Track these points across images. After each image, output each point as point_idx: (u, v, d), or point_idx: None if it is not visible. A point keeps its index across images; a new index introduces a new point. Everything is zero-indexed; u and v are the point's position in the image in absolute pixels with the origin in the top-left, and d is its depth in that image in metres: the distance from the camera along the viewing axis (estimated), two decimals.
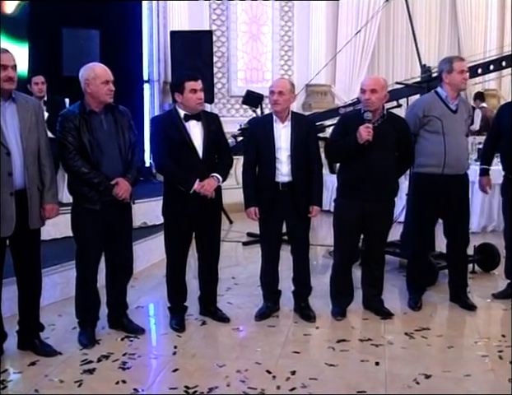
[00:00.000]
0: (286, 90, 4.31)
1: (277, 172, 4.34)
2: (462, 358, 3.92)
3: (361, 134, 4.21)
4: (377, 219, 4.45)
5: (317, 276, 5.06)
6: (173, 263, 4.38)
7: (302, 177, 4.34)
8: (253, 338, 4.20)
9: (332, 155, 4.56)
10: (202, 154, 4.17)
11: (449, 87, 4.58)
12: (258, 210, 4.38)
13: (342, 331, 4.29)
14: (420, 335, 4.22)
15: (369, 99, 4.28)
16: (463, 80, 4.55)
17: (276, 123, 4.36)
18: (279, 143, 4.33)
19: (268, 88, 4.46)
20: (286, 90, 4.30)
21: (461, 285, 4.88)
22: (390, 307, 4.66)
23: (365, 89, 4.30)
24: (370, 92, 4.28)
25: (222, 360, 3.79)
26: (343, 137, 4.37)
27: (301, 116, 4.75)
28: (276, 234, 4.49)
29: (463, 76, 4.55)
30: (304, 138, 4.35)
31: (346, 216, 4.45)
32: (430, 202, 4.61)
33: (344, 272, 4.59)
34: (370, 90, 4.28)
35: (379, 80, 4.43)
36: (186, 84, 4.13)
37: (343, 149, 4.36)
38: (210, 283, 4.51)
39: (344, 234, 4.51)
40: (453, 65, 4.55)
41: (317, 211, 4.39)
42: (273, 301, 4.62)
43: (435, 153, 4.52)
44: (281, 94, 4.28)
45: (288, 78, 5.84)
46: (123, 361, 3.78)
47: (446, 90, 4.59)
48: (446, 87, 4.59)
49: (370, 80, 4.44)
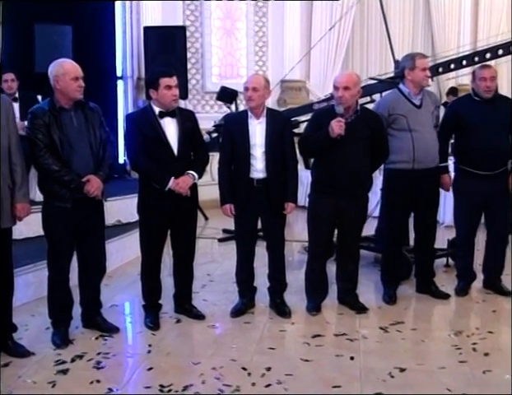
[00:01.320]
0: (261, 86, 4.30)
1: (252, 168, 4.33)
2: (436, 351, 3.96)
3: (333, 128, 4.20)
4: (351, 214, 4.46)
5: (292, 272, 5.07)
6: (147, 261, 4.36)
7: (277, 173, 4.34)
8: (229, 335, 4.20)
9: (306, 150, 4.55)
10: (178, 151, 4.15)
11: (411, 84, 4.61)
12: (233, 207, 4.37)
13: (317, 326, 4.30)
14: (394, 329, 4.25)
15: (342, 97, 4.28)
16: (425, 77, 4.58)
17: (250, 120, 4.35)
18: (254, 139, 4.32)
19: (243, 84, 4.44)
20: (261, 87, 4.29)
21: (429, 276, 4.97)
22: (365, 301, 4.68)
23: (338, 86, 4.30)
24: (343, 89, 4.28)
25: (197, 358, 3.78)
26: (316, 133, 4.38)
27: (276, 112, 4.75)
28: (251, 231, 4.49)
29: (426, 73, 4.58)
30: (279, 134, 4.34)
31: (321, 212, 4.45)
32: (402, 197, 4.65)
33: (319, 268, 4.60)
34: (343, 88, 4.28)
35: (352, 76, 4.42)
36: (161, 80, 4.09)
37: (316, 143, 4.36)
38: (185, 281, 4.49)
39: (318, 230, 4.51)
40: (416, 62, 4.58)
41: (292, 208, 4.38)
42: (249, 298, 4.61)
43: (404, 149, 4.56)
44: (255, 90, 4.27)
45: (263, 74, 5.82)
46: (97, 361, 3.74)
47: (408, 87, 4.62)
48: (408, 84, 4.63)
49: (343, 77, 4.44)
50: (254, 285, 4.65)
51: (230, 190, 4.38)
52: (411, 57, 4.66)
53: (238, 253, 4.58)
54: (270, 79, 4.78)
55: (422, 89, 4.68)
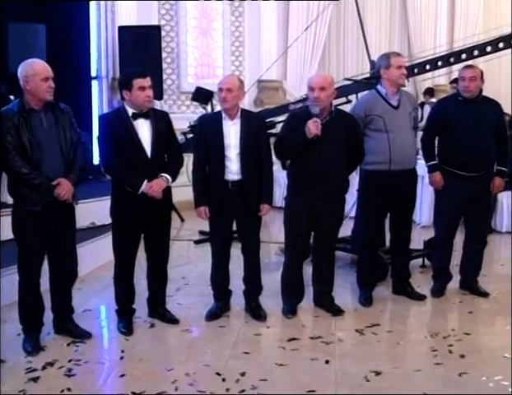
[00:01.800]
0: (235, 86, 4.25)
1: (227, 170, 4.28)
2: (412, 353, 3.94)
3: (310, 129, 4.17)
4: (327, 216, 4.43)
5: (269, 274, 5.02)
6: (120, 265, 4.28)
7: (252, 175, 4.29)
8: (203, 339, 4.14)
9: (282, 151, 4.49)
10: (151, 153, 4.08)
11: (387, 83, 4.59)
12: (208, 209, 4.32)
13: (293, 329, 4.26)
14: (370, 331, 4.22)
15: (318, 98, 4.25)
16: (400, 75, 4.56)
17: (225, 121, 4.30)
18: (228, 141, 4.27)
19: (217, 85, 4.39)
20: (235, 87, 4.24)
21: (404, 277, 4.96)
22: (341, 303, 4.66)
23: (314, 87, 4.26)
24: (319, 90, 4.25)
25: (170, 364, 3.71)
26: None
27: (251, 113, 4.70)
28: (226, 233, 4.43)
29: (401, 71, 4.56)
30: (254, 135, 4.30)
31: (297, 214, 4.41)
32: (378, 198, 4.63)
33: (295, 270, 4.56)
34: (320, 88, 4.25)
35: (326, 77, 4.40)
36: (134, 81, 4.02)
37: (292, 144, 4.32)
38: (159, 284, 4.42)
39: (295, 232, 4.47)
40: (391, 60, 4.57)
41: (267, 210, 4.34)
42: (224, 301, 4.56)
43: (381, 151, 4.53)
44: (229, 91, 4.22)
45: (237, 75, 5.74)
46: (68, 368, 3.66)
47: (385, 87, 4.60)
48: (385, 83, 4.61)
49: (318, 77, 4.41)
50: (230, 289, 4.60)
51: (205, 192, 4.33)
52: (386, 56, 4.65)
53: (213, 256, 4.52)
54: (246, 79, 4.75)
55: (399, 89, 4.66)
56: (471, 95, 4.70)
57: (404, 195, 4.69)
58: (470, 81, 4.68)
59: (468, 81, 4.67)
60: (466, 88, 4.69)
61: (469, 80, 4.67)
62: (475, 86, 4.71)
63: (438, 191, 4.92)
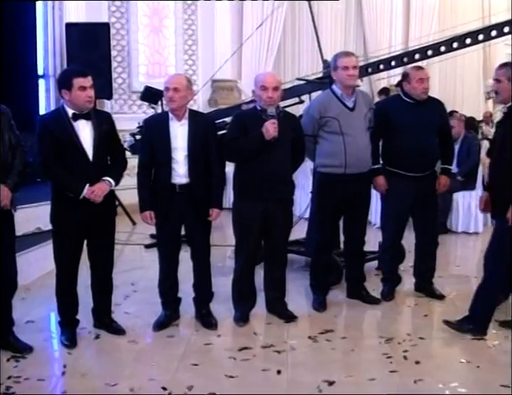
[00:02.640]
0: (182, 86, 4.07)
1: (174, 173, 4.10)
2: (366, 361, 3.83)
3: (268, 130, 4.06)
4: (280, 218, 4.32)
5: (221, 279, 4.85)
6: (63, 274, 4.06)
7: (200, 178, 4.13)
8: (150, 351, 3.95)
9: (233, 154, 4.31)
10: (93, 156, 3.89)
11: (339, 84, 4.49)
12: (153, 213, 4.14)
13: (245, 338, 4.11)
14: (324, 338, 4.10)
15: (272, 98, 4.13)
16: (347, 76, 4.43)
17: (172, 122, 4.13)
18: (175, 143, 4.10)
19: (163, 84, 4.21)
20: (182, 87, 4.07)
21: (359, 280, 4.87)
22: (295, 309, 4.53)
23: (268, 86, 4.13)
24: (272, 90, 4.14)
25: (114, 378, 3.52)
26: (244, 136, 4.18)
27: (199, 114, 4.54)
28: (174, 239, 4.26)
29: (347, 72, 4.42)
30: (203, 137, 4.13)
31: (248, 218, 4.26)
32: (332, 201, 4.52)
33: (246, 276, 4.42)
34: (273, 88, 4.14)
35: (276, 76, 4.31)
36: (74, 80, 3.82)
37: (248, 147, 4.17)
38: (103, 293, 4.22)
39: (246, 237, 4.33)
40: (337, 62, 4.47)
41: (217, 214, 4.19)
42: (173, 309, 4.38)
43: (336, 153, 4.42)
44: (176, 90, 4.05)
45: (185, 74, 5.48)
46: (7, 386, 3.43)
47: (340, 88, 4.49)
48: (338, 84, 4.50)
49: (270, 77, 4.28)
50: (179, 296, 4.42)
51: (150, 196, 4.15)
52: (335, 56, 4.54)
53: (160, 262, 4.34)
54: (200, 78, 4.57)
55: (355, 90, 4.54)
56: (426, 96, 4.64)
57: (359, 198, 4.59)
58: (427, 81, 4.63)
59: (426, 82, 4.62)
60: (425, 90, 4.62)
61: (427, 81, 4.62)
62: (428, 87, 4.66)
63: (384, 193, 4.83)
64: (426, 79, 4.61)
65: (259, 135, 4.08)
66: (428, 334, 4.18)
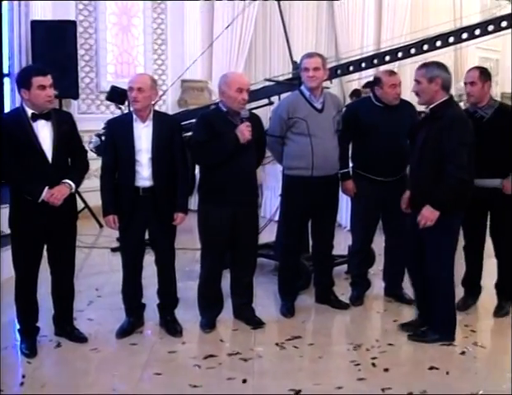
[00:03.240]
0: (146, 86, 3.96)
1: (138, 176, 3.99)
2: (334, 368, 3.77)
3: (244, 133, 3.99)
4: (248, 222, 4.25)
5: (189, 283, 4.74)
6: (22, 280, 3.91)
7: (165, 181, 4.02)
8: (113, 360, 3.82)
9: (204, 157, 4.17)
10: (52, 158, 3.75)
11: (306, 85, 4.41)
12: (117, 217, 4.03)
13: (210, 345, 4.02)
14: (291, 345, 4.02)
15: (246, 100, 4.07)
16: (307, 77, 4.37)
17: (136, 123, 4.01)
18: (139, 144, 3.98)
19: (127, 84, 4.09)
20: (146, 87, 3.96)
21: (328, 285, 4.79)
22: (262, 314, 4.44)
23: (243, 88, 4.05)
24: (246, 92, 4.06)
25: (75, 389, 3.42)
26: (213, 138, 4.05)
27: (164, 115, 4.43)
28: (137, 243, 4.14)
29: (307, 73, 4.36)
30: (168, 139, 4.02)
31: (216, 223, 4.15)
32: (300, 203, 4.44)
33: (213, 282, 4.31)
34: (247, 90, 4.07)
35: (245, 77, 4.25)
36: (33, 79, 3.68)
37: (221, 150, 4.05)
38: (64, 300, 4.08)
39: (213, 242, 4.22)
40: (301, 63, 4.43)
41: (182, 219, 4.08)
42: (137, 315, 4.26)
43: (303, 155, 4.34)
44: (140, 90, 3.94)
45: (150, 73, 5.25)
46: None
47: (307, 89, 4.42)
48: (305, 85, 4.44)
49: (245, 78, 4.21)
50: (143, 302, 4.31)
51: (113, 199, 4.04)
52: (301, 57, 4.46)
53: (124, 267, 4.22)
54: (169, 78, 4.45)
55: (322, 91, 4.47)
56: (398, 101, 4.61)
57: (326, 201, 4.52)
58: (399, 86, 4.61)
59: (399, 87, 4.60)
60: (398, 95, 4.60)
61: (398, 86, 4.60)
62: (400, 92, 4.63)
63: (353, 197, 4.78)
64: (398, 84, 4.59)
65: (233, 138, 3.99)
66: (397, 340, 4.12)
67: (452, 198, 3.79)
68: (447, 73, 3.90)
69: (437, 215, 3.79)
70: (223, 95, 4.14)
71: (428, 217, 3.80)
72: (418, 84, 3.90)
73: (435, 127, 3.83)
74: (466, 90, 4.47)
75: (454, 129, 3.77)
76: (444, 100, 3.86)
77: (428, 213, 3.80)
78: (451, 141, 3.74)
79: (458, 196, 3.82)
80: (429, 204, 3.79)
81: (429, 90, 3.84)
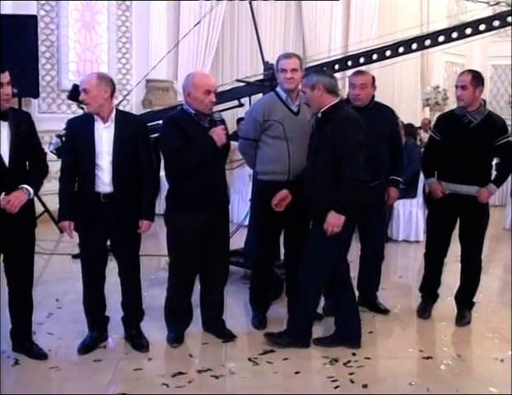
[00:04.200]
0: (91, 86, 3.67)
1: (98, 181, 3.72)
2: (310, 385, 3.56)
3: (221, 136, 3.78)
4: (221, 229, 4.04)
5: (154, 292, 4.52)
6: None
7: (127, 186, 3.76)
8: (74, 378, 3.54)
9: (180, 164, 3.84)
10: (9, 161, 3.48)
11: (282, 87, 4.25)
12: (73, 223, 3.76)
13: (179, 361, 3.78)
14: (265, 360, 3.82)
15: (213, 101, 3.84)
16: (284, 79, 4.20)
17: (97, 123, 3.74)
18: (100, 147, 3.71)
19: None
20: (91, 87, 3.66)
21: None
22: (233, 326, 4.24)
23: (211, 89, 3.82)
24: (214, 94, 3.84)
25: None
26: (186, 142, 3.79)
27: (128, 115, 4.12)
28: (98, 252, 3.87)
29: (285, 75, 4.18)
30: (132, 140, 3.76)
31: (189, 232, 3.88)
32: (274, 210, 4.21)
33: (183, 296, 4.07)
34: (215, 91, 3.86)
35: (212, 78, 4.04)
36: None
37: (198, 156, 3.79)
38: (23, 313, 3.78)
39: (186, 253, 3.94)
40: (278, 64, 4.26)
41: (147, 227, 3.80)
42: (99, 329, 3.99)
43: (279, 160, 4.13)
44: (86, 92, 3.67)
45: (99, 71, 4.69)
46: None
47: (284, 91, 4.24)
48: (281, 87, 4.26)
49: (210, 78, 3.98)
50: (106, 315, 4.05)
51: (71, 204, 3.76)
52: (277, 58, 4.29)
53: (84, 278, 3.94)
54: (134, 78, 4.18)
55: (298, 94, 4.28)
56: (361, 103, 4.46)
57: (301, 207, 4.31)
58: (361, 88, 4.43)
59: (359, 88, 4.43)
60: (356, 96, 4.44)
61: (360, 87, 4.43)
62: (366, 94, 4.46)
63: None
64: (360, 85, 4.42)
65: (210, 142, 3.77)
66: (374, 353, 3.95)
67: (353, 199, 3.69)
68: (328, 77, 3.84)
69: (343, 219, 3.68)
70: (189, 97, 3.87)
71: (334, 223, 3.69)
72: (304, 94, 3.86)
73: (327, 130, 3.75)
74: (456, 93, 4.35)
75: (347, 130, 3.71)
76: (334, 104, 3.79)
77: (333, 219, 3.69)
78: (345, 143, 3.68)
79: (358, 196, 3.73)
80: (332, 209, 3.68)
81: (314, 98, 3.80)
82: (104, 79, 3.74)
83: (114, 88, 3.78)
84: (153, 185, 3.89)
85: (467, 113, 4.34)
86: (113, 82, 3.80)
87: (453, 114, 4.47)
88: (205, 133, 3.82)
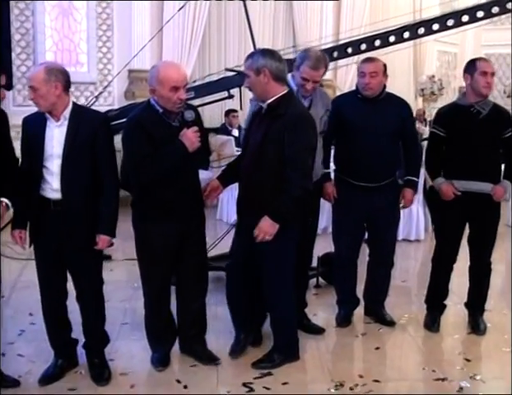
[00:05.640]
0: (38, 82, 3.14)
1: (47, 186, 3.24)
2: None
3: (193, 141, 3.27)
4: (197, 238, 3.55)
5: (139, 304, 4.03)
6: None
7: (80, 194, 3.24)
8: None
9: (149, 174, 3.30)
10: None
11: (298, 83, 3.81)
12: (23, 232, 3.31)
13: (165, 388, 3.36)
14: (261, 385, 3.39)
15: (182, 99, 3.30)
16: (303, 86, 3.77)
17: (49, 122, 3.24)
18: (50, 148, 3.22)
19: None
20: (38, 83, 3.14)
21: (300, 307, 4.17)
22: (220, 345, 3.77)
23: (179, 85, 3.26)
24: (184, 88, 3.32)
25: None
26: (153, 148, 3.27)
27: (87, 111, 3.52)
28: (53, 266, 3.37)
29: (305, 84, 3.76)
30: (88, 141, 3.22)
31: (160, 244, 3.40)
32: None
33: (159, 311, 3.59)
34: (184, 86, 3.33)
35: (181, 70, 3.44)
36: None
37: (167, 164, 3.29)
38: None
39: (157, 266, 3.47)
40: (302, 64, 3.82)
41: (106, 243, 3.28)
42: (66, 355, 3.51)
43: None
44: (33, 89, 3.16)
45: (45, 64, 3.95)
46: None
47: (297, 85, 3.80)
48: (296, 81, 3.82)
49: (179, 72, 3.35)
50: (73, 338, 3.57)
51: (24, 212, 3.31)
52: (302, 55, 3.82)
53: (42, 295, 3.46)
54: (115, 68, 3.68)
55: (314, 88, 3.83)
56: (371, 93, 4.02)
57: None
58: (371, 77, 3.97)
59: (369, 77, 3.97)
60: (366, 85, 4.00)
61: (370, 75, 3.97)
62: (377, 83, 4.01)
63: (336, 203, 4.22)
64: (369, 73, 3.96)
65: (181, 148, 3.26)
66: (383, 375, 3.53)
67: (293, 210, 3.33)
68: (276, 61, 3.35)
69: (277, 228, 3.29)
70: (154, 94, 3.32)
71: (267, 231, 3.29)
72: (247, 77, 3.36)
73: (275, 127, 3.31)
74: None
75: (298, 131, 3.29)
76: (283, 95, 3.36)
77: (267, 226, 3.29)
78: (294, 145, 3.27)
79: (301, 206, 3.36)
80: (267, 215, 3.28)
81: (259, 84, 3.33)
82: (54, 72, 3.18)
83: (67, 80, 3.23)
84: (115, 194, 3.34)
85: (474, 104, 3.97)
86: (65, 74, 3.24)
87: (458, 106, 4.08)
88: (175, 135, 3.30)
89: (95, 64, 8.19)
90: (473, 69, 3.94)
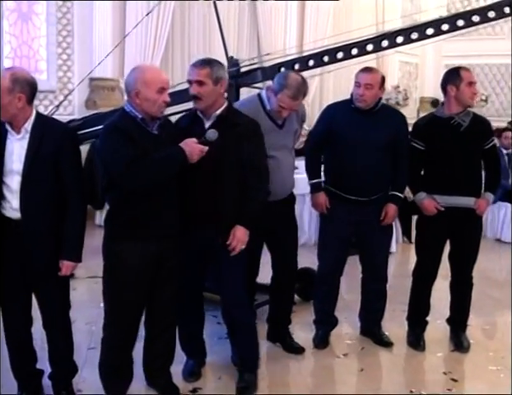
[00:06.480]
0: (2, 92, 2.84)
1: (7, 205, 2.98)
2: None
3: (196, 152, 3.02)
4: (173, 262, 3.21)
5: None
6: None
7: (41, 214, 2.97)
8: None
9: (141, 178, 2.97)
10: None
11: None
12: None
13: None
14: None
15: (166, 101, 3.06)
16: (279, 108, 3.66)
17: (10, 135, 2.97)
18: (10, 163, 2.95)
19: None
20: (2, 93, 2.83)
21: (283, 323, 4.04)
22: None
23: (166, 87, 3.05)
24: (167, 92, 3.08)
25: None
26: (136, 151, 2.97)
27: (52, 122, 3.17)
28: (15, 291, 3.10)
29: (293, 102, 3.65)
30: (51, 155, 2.94)
31: (135, 265, 3.05)
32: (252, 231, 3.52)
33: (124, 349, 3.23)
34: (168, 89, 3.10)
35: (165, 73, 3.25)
36: None
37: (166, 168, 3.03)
38: None
39: (129, 294, 3.08)
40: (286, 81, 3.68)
41: (70, 269, 3.02)
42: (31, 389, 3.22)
43: None
44: None
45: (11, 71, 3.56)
46: None
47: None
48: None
49: (164, 74, 3.16)
50: (38, 368, 3.29)
51: None
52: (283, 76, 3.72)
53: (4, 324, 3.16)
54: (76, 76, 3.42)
55: None
56: (364, 105, 3.87)
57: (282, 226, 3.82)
58: (366, 88, 3.82)
59: (364, 88, 3.82)
60: (360, 96, 3.84)
61: (365, 87, 3.82)
62: (371, 96, 3.85)
63: (323, 216, 4.07)
64: (364, 84, 3.81)
65: (181, 154, 2.97)
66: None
67: (259, 212, 3.31)
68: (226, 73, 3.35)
69: (248, 234, 3.26)
70: (137, 97, 3.01)
71: (242, 240, 3.23)
72: (201, 85, 3.20)
73: (232, 136, 3.20)
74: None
75: (257, 139, 3.32)
76: (227, 106, 3.32)
77: (242, 235, 3.23)
78: (257, 154, 3.29)
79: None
80: (240, 224, 3.22)
81: (214, 93, 3.22)
82: (19, 82, 2.88)
83: (33, 93, 2.95)
84: (81, 213, 3.07)
85: (454, 115, 3.87)
86: (32, 85, 2.94)
87: (437, 118, 3.98)
88: (156, 143, 3.03)
89: (54, 72, 7.87)
90: (459, 80, 3.83)
